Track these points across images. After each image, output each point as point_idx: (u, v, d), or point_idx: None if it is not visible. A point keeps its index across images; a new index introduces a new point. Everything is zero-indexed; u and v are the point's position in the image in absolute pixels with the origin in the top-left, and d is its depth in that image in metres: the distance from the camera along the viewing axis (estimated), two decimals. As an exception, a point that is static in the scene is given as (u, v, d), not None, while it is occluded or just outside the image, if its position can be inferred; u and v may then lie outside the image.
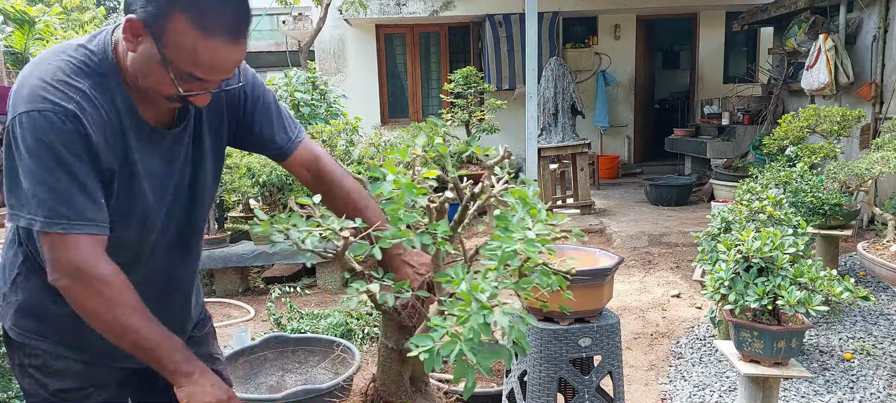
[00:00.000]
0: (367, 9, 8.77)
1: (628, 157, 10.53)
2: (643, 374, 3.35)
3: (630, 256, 5.54)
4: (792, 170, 3.98)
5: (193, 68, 1.17)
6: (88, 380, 1.40)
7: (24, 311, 1.36)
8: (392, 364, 1.45)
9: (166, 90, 1.21)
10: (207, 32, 1.15)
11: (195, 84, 1.20)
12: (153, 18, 1.14)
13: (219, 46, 1.16)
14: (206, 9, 1.14)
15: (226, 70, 1.22)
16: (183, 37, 1.14)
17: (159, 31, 1.15)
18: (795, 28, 7.09)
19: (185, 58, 1.16)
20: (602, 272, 2.18)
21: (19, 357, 1.40)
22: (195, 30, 1.14)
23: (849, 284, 2.16)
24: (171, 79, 1.18)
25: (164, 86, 1.20)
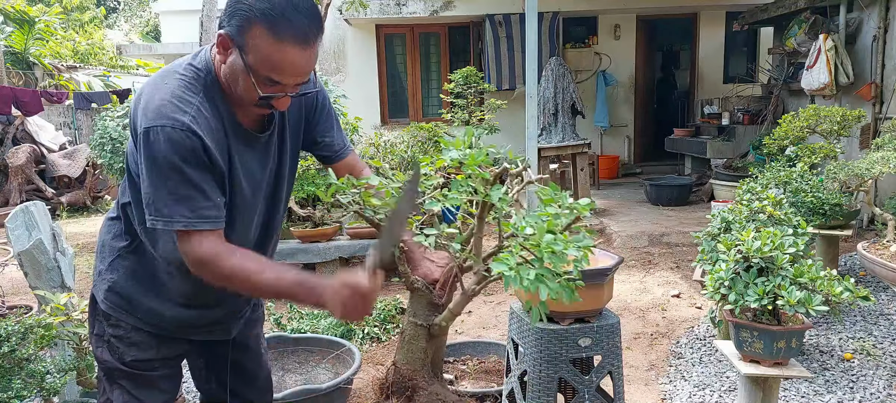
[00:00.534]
0: (367, 9, 8.76)
1: (628, 157, 10.53)
2: (643, 374, 3.35)
3: (630, 256, 5.54)
4: (792, 170, 3.98)
5: (271, 72, 1.36)
6: (159, 353, 1.64)
7: (115, 289, 1.60)
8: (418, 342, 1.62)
9: (252, 96, 1.40)
10: (281, 39, 1.33)
11: (275, 88, 1.39)
12: (237, 31, 1.35)
13: (291, 51, 1.35)
14: (279, 19, 1.33)
15: (299, 73, 1.39)
16: (261, 44, 1.34)
17: (242, 42, 1.35)
18: (795, 28, 7.08)
19: (263, 63, 1.35)
20: (602, 272, 2.18)
21: (101, 327, 1.63)
22: (271, 37, 1.33)
23: (849, 284, 2.16)
24: (253, 84, 1.37)
25: (250, 92, 1.39)
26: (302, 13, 1.34)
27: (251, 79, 1.37)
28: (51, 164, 9.37)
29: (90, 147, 8.36)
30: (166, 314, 1.61)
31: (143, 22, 22.23)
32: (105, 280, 1.62)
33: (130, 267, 1.60)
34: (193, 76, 1.43)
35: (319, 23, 1.38)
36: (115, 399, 1.64)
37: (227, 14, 1.38)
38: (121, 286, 1.60)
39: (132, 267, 1.60)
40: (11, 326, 2.28)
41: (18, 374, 2.27)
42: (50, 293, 2.58)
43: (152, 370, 1.65)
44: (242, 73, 1.38)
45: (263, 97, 1.40)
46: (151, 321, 1.62)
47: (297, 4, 1.34)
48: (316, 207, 5.28)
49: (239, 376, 1.84)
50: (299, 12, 1.34)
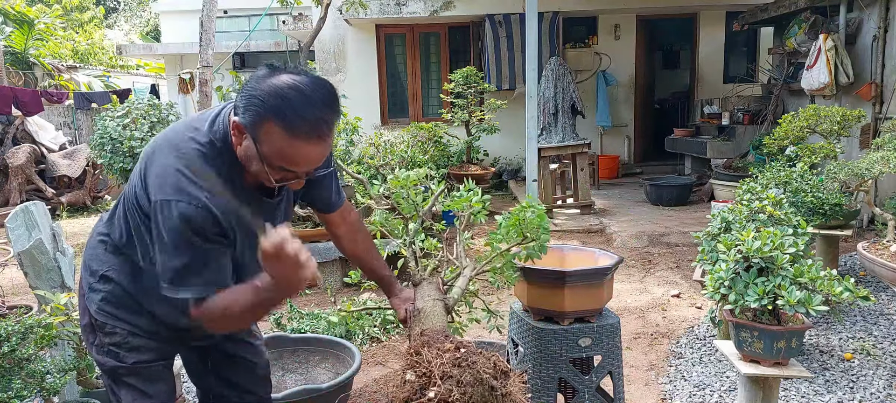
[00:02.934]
0: (368, 9, 8.76)
1: (628, 157, 10.53)
2: (643, 374, 3.35)
3: (630, 256, 5.54)
4: (792, 170, 3.98)
5: (284, 162, 1.39)
6: (160, 355, 1.71)
7: (108, 300, 1.65)
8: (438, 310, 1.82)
9: (263, 178, 1.45)
10: (294, 135, 1.35)
11: (287, 174, 1.43)
12: (250, 124, 1.38)
13: (304, 146, 1.37)
14: (292, 116, 1.35)
15: (313, 165, 1.44)
16: (274, 139, 1.36)
17: (256, 134, 1.38)
18: (795, 28, 7.08)
19: (276, 155, 1.38)
20: (602, 272, 2.18)
21: (99, 337, 1.68)
22: (284, 133, 1.35)
23: (849, 284, 2.16)
24: (266, 171, 1.42)
25: (264, 175, 1.44)
26: (315, 107, 1.36)
27: (264, 167, 1.41)
28: (51, 164, 9.37)
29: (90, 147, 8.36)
30: (162, 325, 1.67)
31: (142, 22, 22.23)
32: (98, 291, 1.66)
33: (124, 282, 1.65)
34: (209, 147, 1.47)
35: (335, 109, 1.40)
36: (124, 398, 1.68)
37: (241, 103, 1.40)
38: (115, 299, 1.65)
39: (126, 282, 1.65)
40: (11, 326, 2.28)
41: (18, 374, 2.27)
42: (50, 293, 2.58)
43: (155, 364, 1.71)
44: (256, 159, 1.41)
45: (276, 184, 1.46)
46: (148, 329, 1.67)
47: (310, 98, 1.35)
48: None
49: (238, 367, 1.89)
50: (313, 107, 1.35)
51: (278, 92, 1.35)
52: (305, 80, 1.38)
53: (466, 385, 1.46)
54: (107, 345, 1.67)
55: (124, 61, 15.48)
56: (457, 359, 1.53)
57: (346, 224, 1.94)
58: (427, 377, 1.51)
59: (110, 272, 1.66)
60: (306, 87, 1.36)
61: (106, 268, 1.66)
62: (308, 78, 1.39)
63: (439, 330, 1.70)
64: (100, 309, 1.66)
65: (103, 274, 1.66)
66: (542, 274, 2.19)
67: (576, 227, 6.56)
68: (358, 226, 1.97)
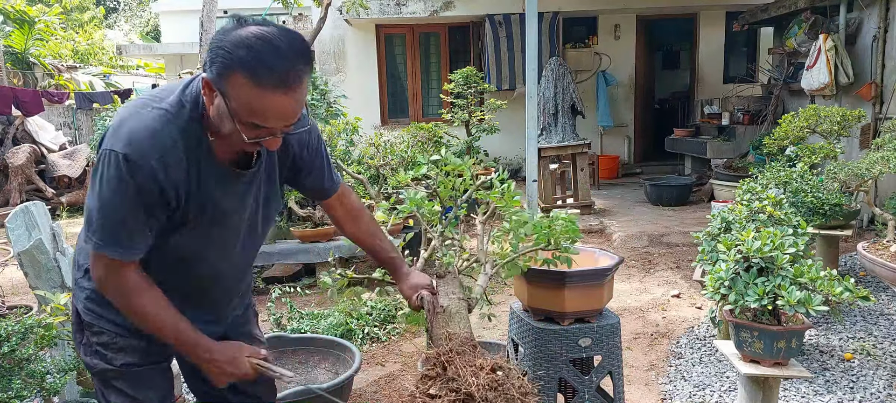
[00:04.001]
0: (368, 9, 8.76)
1: (628, 157, 10.53)
2: (643, 374, 3.35)
3: (630, 256, 5.54)
4: (792, 170, 3.98)
5: (253, 117, 1.33)
6: (148, 358, 1.63)
7: (93, 298, 1.58)
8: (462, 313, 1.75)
9: (237, 138, 1.37)
10: (262, 86, 1.29)
11: (260, 131, 1.36)
12: (217, 77, 1.32)
13: (273, 97, 1.31)
14: (259, 66, 1.28)
15: (284, 118, 1.36)
16: (241, 91, 1.30)
17: (224, 87, 1.32)
18: (795, 28, 7.08)
19: (245, 109, 1.32)
20: (602, 272, 2.18)
21: (87, 336, 1.62)
22: (251, 84, 1.29)
23: (849, 284, 2.16)
24: (242, 128, 1.35)
25: (237, 135, 1.36)
26: (283, 57, 1.30)
27: (236, 125, 1.35)
28: (51, 164, 9.37)
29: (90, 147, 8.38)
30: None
31: (142, 22, 22.23)
32: (83, 289, 1.61)
33: None
34: (176, 111, 1.41)
35: (305, 59, 1.34)
36: (114, 401, 1.63)
37: (208, 58, 1.34)
38: (99, 294, 1.57)
39: None
40: (11, 326, 2.28)
41: (18, 374, 2.27)
42: (50, 293, 2.58)
43: (144, 367, 1.64)
44: (227, 117, 1.35)
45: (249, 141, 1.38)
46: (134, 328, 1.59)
47: (278, 48, 1.30)
48: (316, 207, 5.28)
49: None
50: (281, 57, 1.30)
51: (244, 42, 1.29)
52: (274, 31, 1.32)
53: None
54: (94, 345, 1.62)
55: (124, 61, 15.48)
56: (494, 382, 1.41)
57: (343, 208, 1.86)
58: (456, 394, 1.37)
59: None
60: (274, 37, 1.30)
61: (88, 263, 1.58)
62: (276, 28, 1.33)
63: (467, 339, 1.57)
64: (86, 308, 1.61)
65: (86, 268, 1.58)
66: (543, 275, 2.19)
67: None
68: (358, 211, 1.89)
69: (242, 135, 1.36)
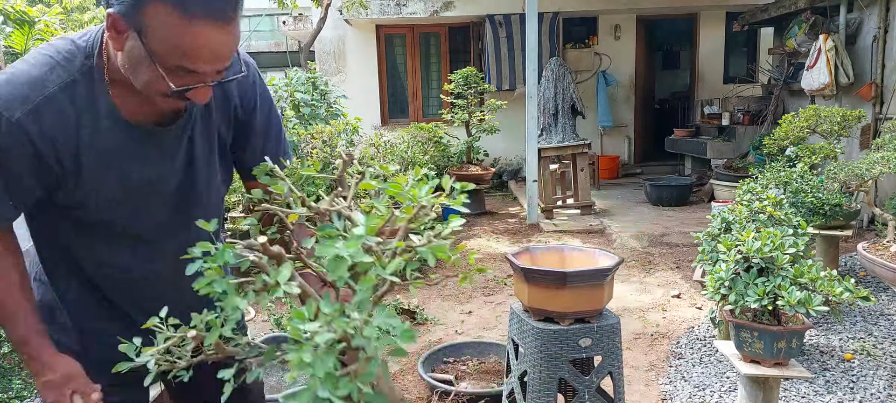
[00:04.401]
0: (368, 9, 8.76)
1: (628, 158, 10.53)
2: (643, 374, 3.35)
3: (630, 256, 5.54)
4: (792, 171, 3.98)
5: (181, 59, 1.07)
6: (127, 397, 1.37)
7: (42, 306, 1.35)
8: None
9: (160, 87, 1.11)
10: (190, 16, 1.04)
11: (188, 77, 1.10)
12: (131, 9, 1.05)
13: (205, 31, 1.05)
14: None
15: (217, 58, 1.10)
16: (164, 25, 1.04)
17: (140, 23, 1.05)
18: (795, 28, 7.09)
19: (170, 48, 1.06)
20: (602, 272, 2.18)
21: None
22: (177, 15, 1.03)
23: (849, 284, 2.16)
24: (161, 75, 1.08)
25: (158, 84, 1.10)
26: None
27: (158, 69, 1.08)
28: (51, 164, 9.37)
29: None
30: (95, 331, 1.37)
31: (143, 22, 22.25)
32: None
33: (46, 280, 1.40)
34: (65, 55, 1.17)
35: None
36: None
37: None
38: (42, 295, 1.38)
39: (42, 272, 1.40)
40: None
41: (18, 374, 2.27)
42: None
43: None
44: (145, 62, 1.08)
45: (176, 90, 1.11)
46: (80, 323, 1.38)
47: None
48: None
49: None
50: None
51: None
52: None
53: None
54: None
55: (124, 61, 15.50)
56: None
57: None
58: None
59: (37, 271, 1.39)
60: None
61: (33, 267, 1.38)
62: None
63: None
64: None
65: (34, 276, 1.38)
66: (543, 275, 2.19)
67: (576, 227, 6.57)
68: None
69: (165, 83, 1.09)
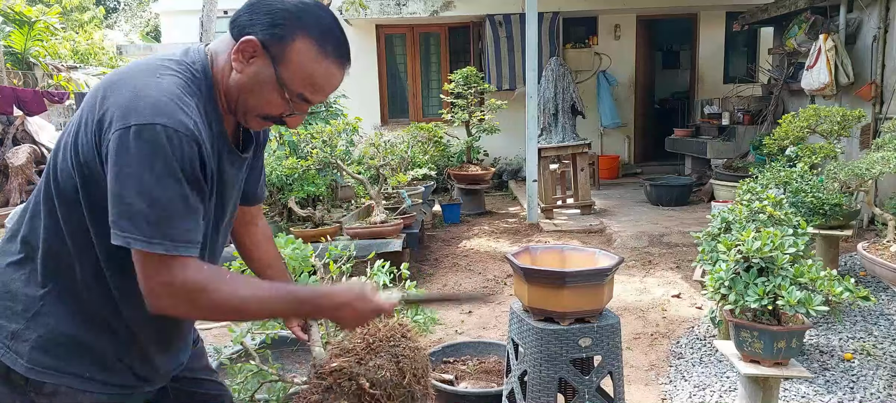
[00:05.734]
0: (368, 9, 8.76)
1: (628, 157, 10.53)
2: (643, 374, 3.35)
3: (630, 256, 5.54)
4: (792, 170, 3.98)
5: (306, 89, 1.25)
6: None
7: (48, 346, 1.25)
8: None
9: (272, 110, 1.27)
10: (326, 54, 1.24)
11: (300, 105, 1.28)
12: (276, 40, 1.21)
13: (332, 69, 1.26)
14: (327, 34, 1.24)
15: (331, 91, 1.30)
16: (304, 59, 1.22)
17: (279, 53, 1.21)
18: (795, 28, 7.09)
19: (301, 78, 1.24)
20: (602, 272, 2.18)
21: (33, 396, 1.26)
22: (316, 52, 1.23)
23: (849, 284, 2.16)
24: (285, 100, 1.25)
25: (271, 106, 1.26)
26: (344, 33, 1.29)
27: (282, 94, 1.24)
28: (51, 164, 9.37)
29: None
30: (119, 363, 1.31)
31: (143, 22, 22.24)
32: (27, 341, 1.24)
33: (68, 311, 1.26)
34: (190, 77, 1.23)
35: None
36: None
37: (259, 20, 1.21)
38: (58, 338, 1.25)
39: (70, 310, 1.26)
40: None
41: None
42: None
43: None
44: (270, 85, 1.23)
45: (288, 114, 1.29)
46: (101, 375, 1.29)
47: (339, 25, 1.28)
48: (316, 207, 5.28)
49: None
50: (341, 30, 1.28)
51: (307, 8, 1.23)
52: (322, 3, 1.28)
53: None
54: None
55: (125, 61, 15.50)
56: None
57: (260, 222, 1.66)
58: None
59: (44, 307, 1.25)
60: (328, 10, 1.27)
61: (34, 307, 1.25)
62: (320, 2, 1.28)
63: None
64: (32, 365, 1.24)
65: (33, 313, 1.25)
66: (543, 275, 2.19)
67: (576, 227, 6.57)
68: (269, 233, 1.70)
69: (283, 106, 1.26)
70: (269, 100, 1.26)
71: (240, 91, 1.26)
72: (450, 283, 5.05)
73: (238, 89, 1.26)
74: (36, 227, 1.27)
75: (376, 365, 1.45)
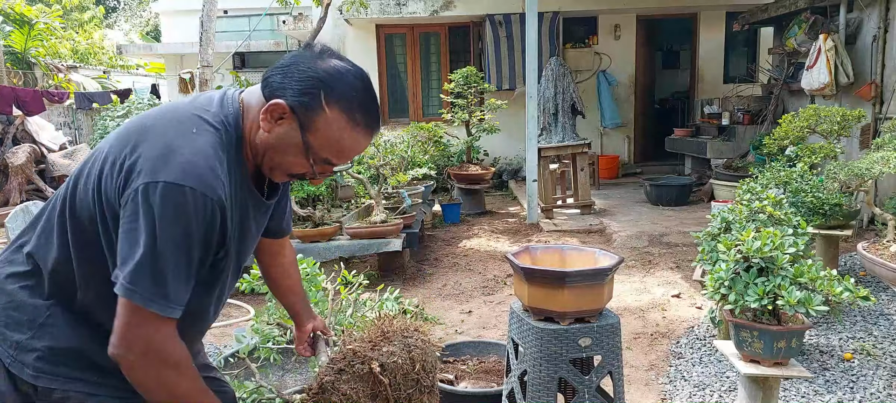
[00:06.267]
0: (368, 9, 8.77)
1: (628, 157, 10.53)
2: (643, 374, 3.35)
3: (630, 256, 5.54)
4: (792, 170, 3.98)
5: (332, 154, 1.26)
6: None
7: (55, 355, 1.26)
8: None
9: (295, 170, 1.29)
10: (355, 126, 1.25)
11: (327, 167, 1.29)
12: (305, 108, 1.22)
13: (360, 138, 1.26)
14: (356, 106, 1.24)
15: (354, 155, 1.31)
16: (333, 128, 1.23)
17: (307, 120, 1.22)
18: (795, 28, 7.09)
19: (328, 145, 1.25)
20: (602, 272, 2.18)
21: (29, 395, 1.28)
22: (346, 122, 1.23)
23: (849, 284, 2.16)
24: (309, 163, 1.26)
25: (295, 166, 1.28)
26: (374, 100, 1.29)
27: (308, 158, 1.25)
28: (51, 164, 9.37)
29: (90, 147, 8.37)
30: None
31: (143, 22, 22.24)
32: (32, 351, 1.25)
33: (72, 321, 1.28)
34: (221, 131, 1.24)
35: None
36: None
37: (291, 85, 1.22)
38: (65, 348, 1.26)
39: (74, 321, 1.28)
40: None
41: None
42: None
43: None
44: (295, 149, 1.24)
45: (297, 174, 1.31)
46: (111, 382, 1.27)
47: (369, 88, 1.28)
48: (316, 207, 5.28)
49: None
50: (374, 100, 1.29)
51: (342, 77, 1.24)
52: (358, 69, 1.28)
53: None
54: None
55: (124, 61, 15.49)
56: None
57: (287, 251, 1.74)
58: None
59: (50, 318, 1.27)
60: (365, 78, 1.28)
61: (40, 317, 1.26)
62: (356, 67, 1.29)
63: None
64: (39, 373, 1.25)
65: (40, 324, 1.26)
66: (543, 275, 2.19)
67: (576, 227, 6.57)
68: (294, 259, 1.79)
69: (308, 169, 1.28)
70: (293, 162, 1.27)
71: (266, 149, 1.27)
72: (450, 283, 5.05)
73: (264, 147, 1.27)
74: (44, 246, 1.28)
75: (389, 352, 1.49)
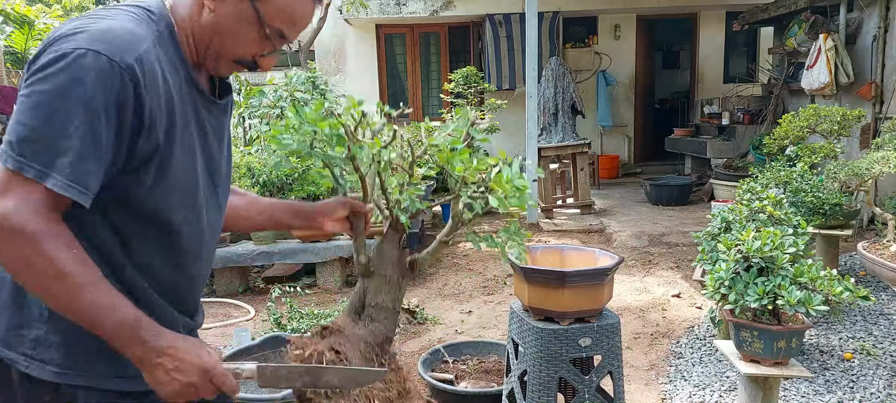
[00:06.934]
0: (368, 9, 8.77)
1: (628, 157, 10.53)
2: (643, 374, 3.35)
3: (630, 256, 5.54)
4: (792, 170, 3.98)
5: (285, 24, 1.17)
6: None
7: (73, 347, 1.13)
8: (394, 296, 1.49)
9: (247, 51, 1.19)
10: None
11: (278, 41, 1.19)
12: None
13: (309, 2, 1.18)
14: None
15: (304, 26, 1.22)
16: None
17: None
18: (795, 28, 7.09)
19: (282, 13, 1.15)
20: (602, 272, 2.18)
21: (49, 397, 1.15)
22: None
23: (849, 284, 2.16)
24: (263, 37, 1.16)
25: (248, 45, 1.18)
26: None
27: (262, 31, 1.16)
28: (51, 164, 9.38)
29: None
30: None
31: (143, 22, 22.25)
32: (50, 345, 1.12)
33: None
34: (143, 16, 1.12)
35: None
36: None
37: None
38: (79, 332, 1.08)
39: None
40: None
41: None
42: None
43: None
44: (248, 23, 1.15)
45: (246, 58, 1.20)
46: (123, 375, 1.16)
47: None
48: (316, 207, 5.28)
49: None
50: None
51: None
52: None
53: None
54: None
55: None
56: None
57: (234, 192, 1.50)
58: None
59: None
60: None
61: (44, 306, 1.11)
62: None
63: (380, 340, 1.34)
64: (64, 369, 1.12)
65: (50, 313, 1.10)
66: (543, 274, 2.19)
67: (576, 227, 6.57)
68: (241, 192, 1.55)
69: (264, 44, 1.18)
70: (246, 39, 1.16)
71: (214, 32, 1.16)
72: (450, 283, 5.05)
73: (212, 30, 1.16)
74: None
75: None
